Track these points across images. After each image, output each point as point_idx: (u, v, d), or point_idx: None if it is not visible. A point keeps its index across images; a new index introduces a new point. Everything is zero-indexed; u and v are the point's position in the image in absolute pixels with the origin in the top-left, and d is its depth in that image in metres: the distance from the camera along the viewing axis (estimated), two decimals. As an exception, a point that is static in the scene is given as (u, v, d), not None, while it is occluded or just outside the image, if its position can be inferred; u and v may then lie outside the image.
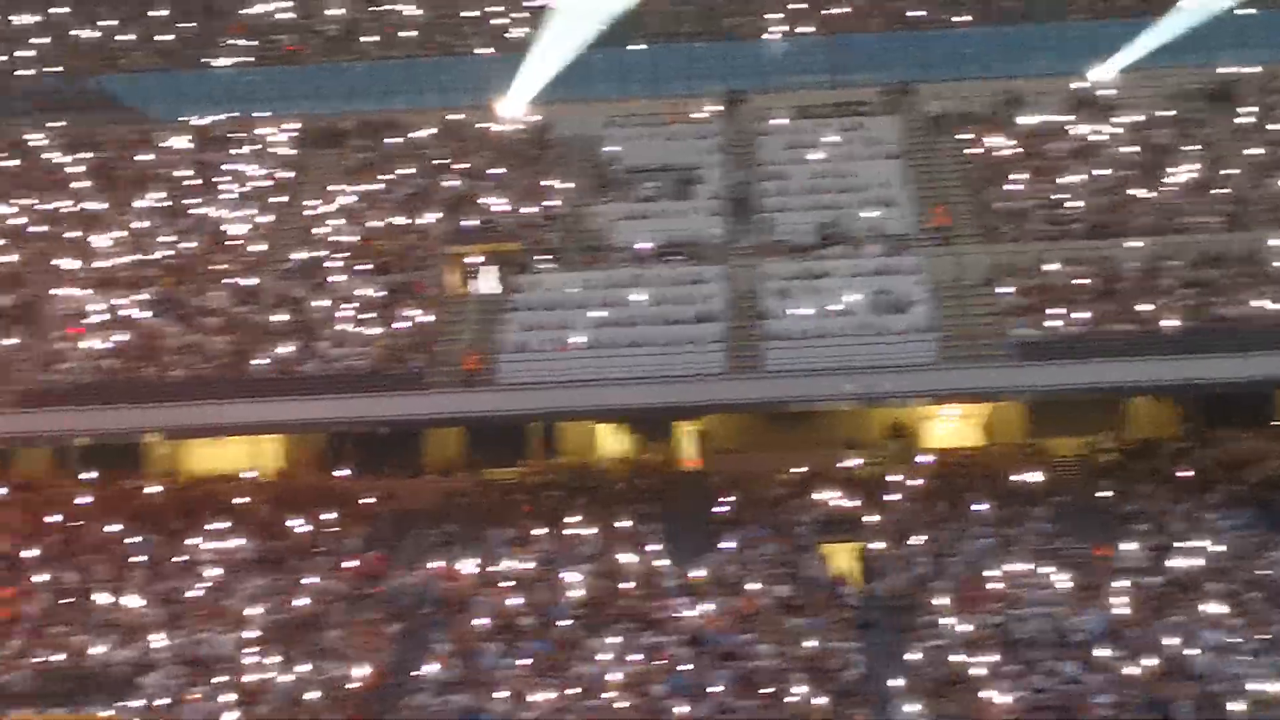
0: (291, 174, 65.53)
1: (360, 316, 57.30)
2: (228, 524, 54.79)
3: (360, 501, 55.91)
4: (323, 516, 54.94)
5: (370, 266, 59.71)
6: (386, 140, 66.75)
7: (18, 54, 72.90)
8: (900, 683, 46.18)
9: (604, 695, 46.47)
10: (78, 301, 59.06)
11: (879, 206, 60.32)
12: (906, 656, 47.30)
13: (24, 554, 54.36)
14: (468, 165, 64.83)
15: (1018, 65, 66.08)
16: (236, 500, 56.24)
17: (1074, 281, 56.07)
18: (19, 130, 68.66)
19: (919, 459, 56.26)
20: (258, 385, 55.08)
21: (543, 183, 63.55)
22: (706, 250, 59.30)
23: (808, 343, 54.48)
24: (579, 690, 46.70)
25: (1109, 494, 54.17)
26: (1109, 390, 54.17)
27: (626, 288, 57.42)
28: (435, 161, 65.23)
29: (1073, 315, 54.73)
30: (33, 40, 73.26)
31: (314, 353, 56.03)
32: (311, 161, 66.25)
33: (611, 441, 58.78)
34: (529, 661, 48.08)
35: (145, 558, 53.77)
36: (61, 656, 49.73)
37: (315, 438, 58.49)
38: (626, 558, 52.14)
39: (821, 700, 45.72)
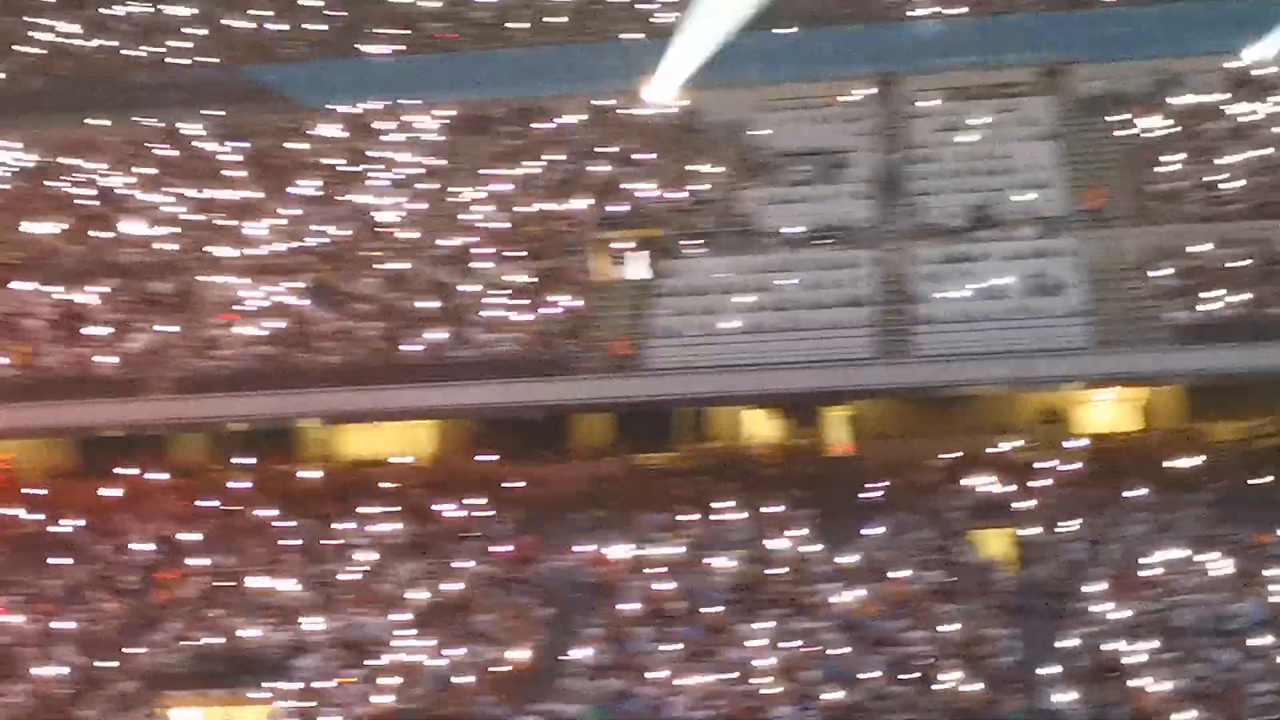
0: (442, 161, 65.89)
1: (510, 302, 57.47)
2: (380, 508, 55.16)
3: (510, 486, 56.07)
4: (473, 501, 55.16)
5: (520, 252, 59.90)
6: (535, 126, 66.94)
7: (172, 44, 73.89)
8: (1054, 670, 45.68)
9: (755, 680, 46.34)
10: (232, 289, 59.72)
11: (1032, 188, 59.63)
12: (1060, 644, 46.77)
13: (181, 539, 55.10)
14: (616, 150, 64.81)
15: (1173, 44, 64.99)
16: (389, 485, 56.63)
17: (1231, 263, 55.09)
18: (174, 120, 69.59)
19: (1072, 444, 55.52)
20: (409, 371, 55.43)
21: (691, 167, 63.42)
22: (856, 234, 58.91)
23: (959, 326, 53.96)
24: (730, 675, 46.60)
25: (1269, 479, 53.12)
26: (1269, 374, 53.09)
27: (776, 272, 57.14)
28: (584, 147, 65.32)
29: (1230, 297, 53.77)
30: (186, 31, 74.23)
31: (465, 338, 56.28)
32: (461, 148, 66.56)
33: (761, 426, 58.53)
34: (679, 646, 48.04)
35: (299, 542, 54.31)
36: (218, 639, 50.35)
37: (466, 423, 58.74)
38: (777, 543, 51.93)
39: (974, 687, 45.33)
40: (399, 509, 55.20)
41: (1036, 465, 54.30)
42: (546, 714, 46.39)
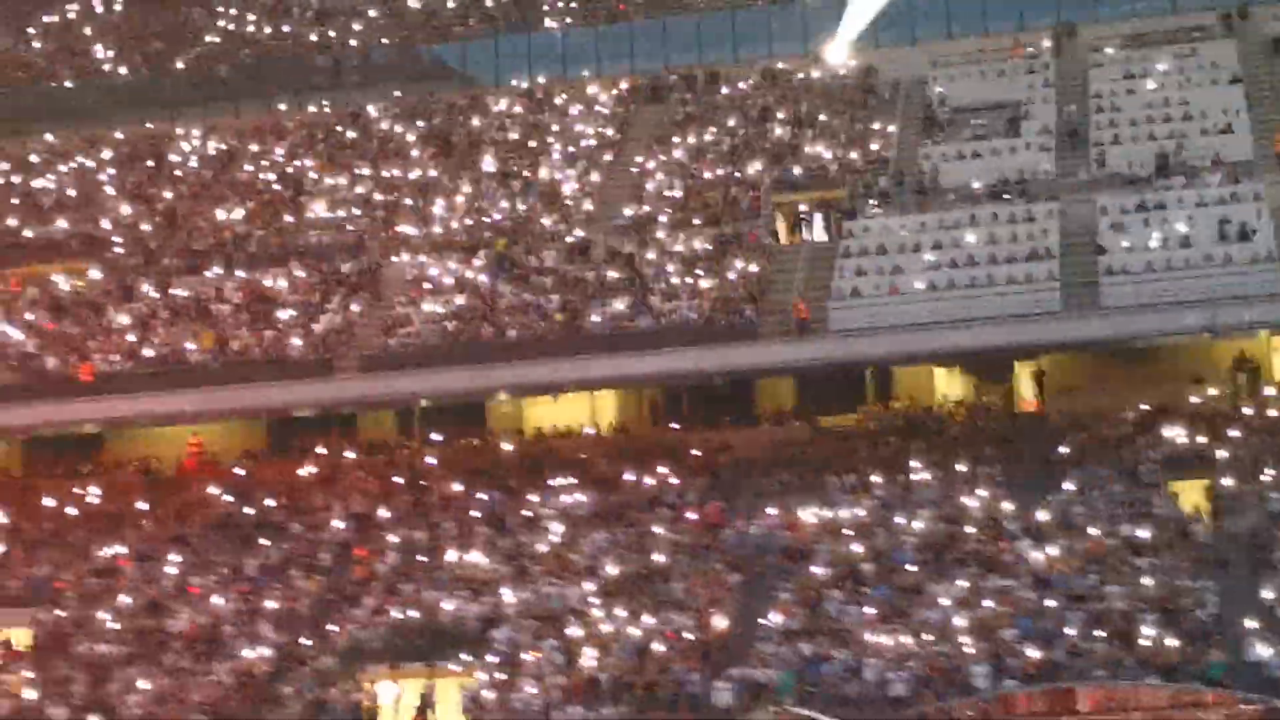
0: (618, 131, 65.97)
1: (691, 269, 57.43)
2: (569, 479, 55.42)
3: (697, 453, 56.05)
4: (661, 469, 55.23)
5: (699, 219, 59.81)
6: (711, 93, 66.77)
7: (352, 26, 74.68)
8: (1254, 624, 44.77)
9: (951, 640, 45.94)
10: (417, 267, 60.24)
11: (1217, 134, 58.39)
12: (1261, 595, 45.83)
13: (375, 514, 55.75)
14: (793, 113, 64.48)
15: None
16: (577, 455, 56.86)
17: None
18: (356, 102, 70.36)
19: (1269, 392, 54.31)
20: (592, 341, 55.61)
21: (869, 127, 62.94)
22: (1039, 187, 58.02)
23: (1147, 276, 52.96)
24: (925, 636, 46.26)
25: None
26: None
27: (958, 229, 56.54)
28: (760, 111, 65.03)
29: None
30: (363, 12, 74.97)
31: (646, 307, 56.33)
32: (638, 118, 66.63)
33: (948, 385, 57.98)
34: (872, 609, 47.78)
35: (490, 515, 54.70)
36: (414, 613, 50.86)
37: (651, 391, 58.83)
38: (968, 501, 51.43)
39: (1174, 642, 44.54)
40: (588, 479, 55.39)
41: (1232, 414, 53.20)
42: (741, 680, 46.30)
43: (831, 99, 65.03)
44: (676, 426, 57.81)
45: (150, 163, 69.66)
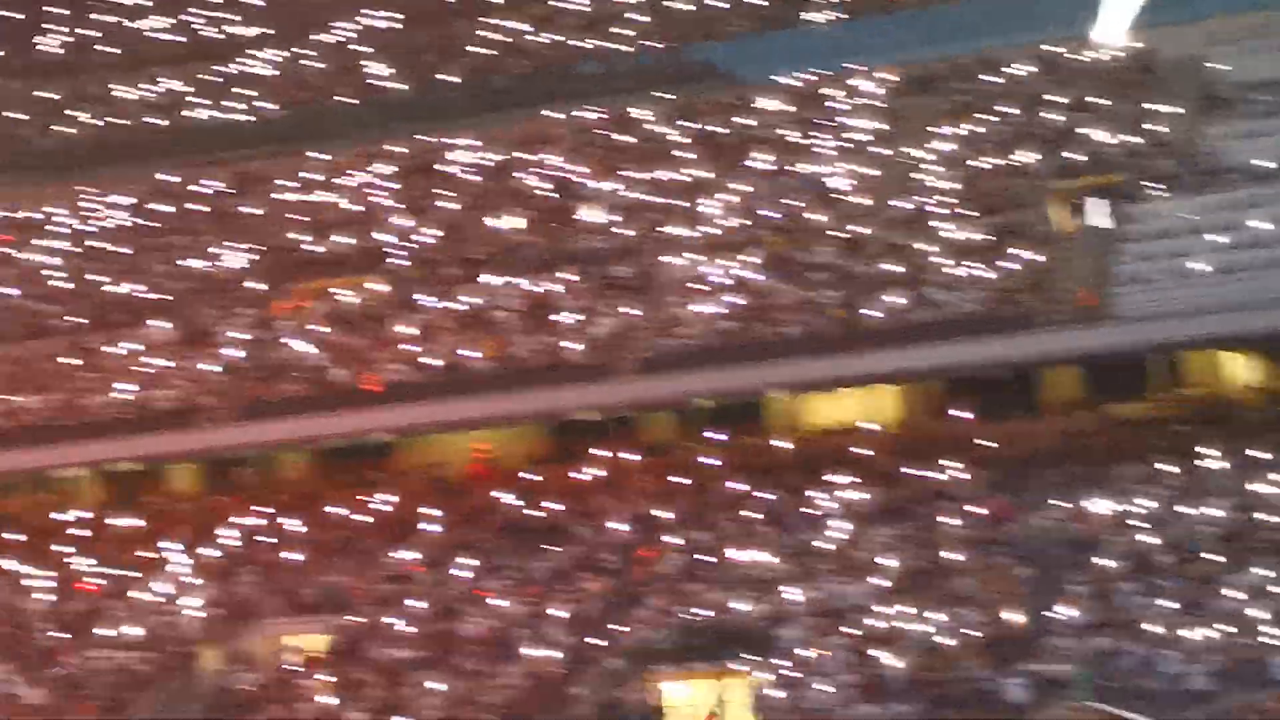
0: (889, 124, 65.35)
1: (969, 260, 56.62)
2: (851, 476, 54.97)
3: (982, 446, 55.21)
4: (945, 463, 54.51)
5: (975, 209, 58.99)
6: (983, 80, 65.81)
7: (616, 31, 75.04)
8: None
9: (1253, 631, 44.66)
10: (691, 268, 60.28)
11: None
12: None
13: (657, 516, 55.86)
14: (1068, 98, 63.25)
15: None
16: (858, 451, 56.39)
17: None
18: (623, 106, 70.68)
19: None
20: (871, 336, 55.11)
21: (1148, 108, 61.48)
22: (1328, 163, 56.27)
23: None
24: (1226, 628, 44.99)
25: None
26: None
27: (1245, 209, 54.94)
28: (1034, 97, 63.92)
29: None
30: (629, 17, 75.29)
31: (925, 300, 55.67)
32: (909, 109, 65.92)
33: (1242, 369, 56.33)
34: (1167, 601, 46.61)
35: (773, 513, 54.48)
36: (698, 613, 50.84)
37: (932, 384, 58.10)
38: (1263, 489, 49.90)
39: None
40: (870, 475, 54.89)
41: None
42: (1034, 676, 45.50)
43: (1108, 81, 63.64)
44: (961, 419, 56.96)
45: (426, 175, 70.71)
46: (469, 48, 76.78)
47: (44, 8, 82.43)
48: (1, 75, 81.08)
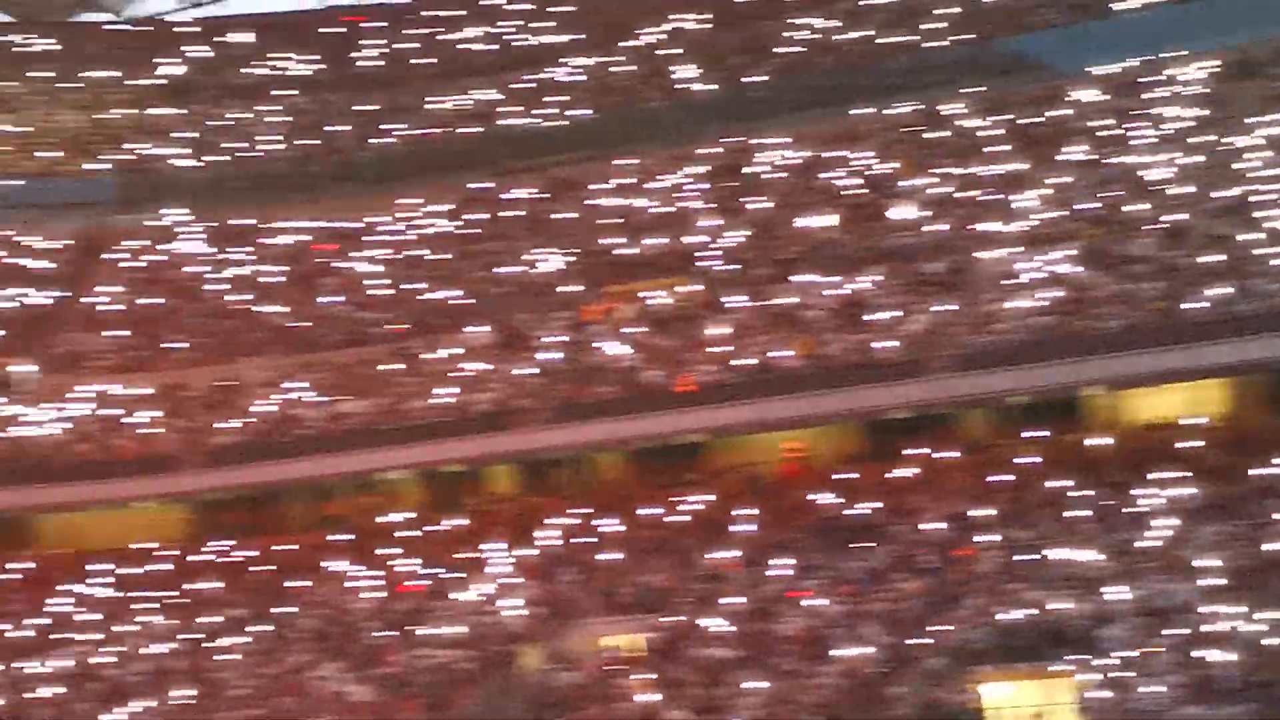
0: (1210, 111, 63.65)
1: (1297, 248, 55.04)
2: (1176, 472, 53.55)
3: (1312, 440, 53.50)
4: (1273, 458, 52.78)
5: (1303, 196, 57.31)
6: (1308, 63, 63.99)
7: (926, 27, 74.30)
8: None
9: None
10: (1005, 262, 59.39)
11: None
12: None
13: (974, 514, 55.11)
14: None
15: None
16: (1183, 446, 54.92)
17: None
18: (934, 102, 69.97)
19: None
20: (1194, 329, 53.72)
21: None
22: None
23: None
24: None
25: None
26: None
27: None
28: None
29: None
30: (939, 11, 74.52)
31: (1250, 291, 54.07)
32: (1231, 95, 64.14)
33: None
34: None
35: (1094, 511, 53.35)
36: (1018, 613, 50.00)
37: (1263, 377, 56.34)
38: None
39: None
40: (1196, 471, 53.42)
41: None
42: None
43: None
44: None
45: (736, 176, 70.83)
46: (776, 48, 76.78)
47: (362, 23, 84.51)
48: (322, 89, 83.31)
